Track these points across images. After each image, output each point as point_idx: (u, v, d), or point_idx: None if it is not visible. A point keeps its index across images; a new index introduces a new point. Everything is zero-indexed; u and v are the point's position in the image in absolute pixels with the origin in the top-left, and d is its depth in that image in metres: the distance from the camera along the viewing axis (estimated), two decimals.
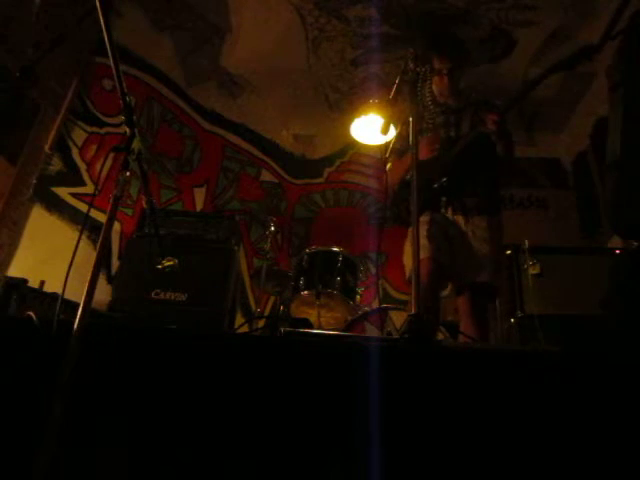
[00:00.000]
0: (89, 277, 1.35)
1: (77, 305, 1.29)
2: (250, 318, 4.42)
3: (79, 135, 4.08)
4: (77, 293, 1.38)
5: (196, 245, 3.28)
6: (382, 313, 3.09)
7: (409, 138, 2.10)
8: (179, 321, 2.82)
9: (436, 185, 2.84)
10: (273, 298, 4.50)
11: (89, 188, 4.05)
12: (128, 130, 1.53)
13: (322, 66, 4.98)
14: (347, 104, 5.23)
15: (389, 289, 5.02)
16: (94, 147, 4.17)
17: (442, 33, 4.07)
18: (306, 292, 3.32)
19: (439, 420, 1.44)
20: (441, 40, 3.15)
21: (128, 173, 1.50)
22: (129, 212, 4.31)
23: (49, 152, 3.77)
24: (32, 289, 2.16)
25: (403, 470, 1.38)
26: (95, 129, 4.19)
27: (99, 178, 4.12)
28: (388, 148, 2.96)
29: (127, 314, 2.87)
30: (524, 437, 1.40)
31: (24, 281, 2.14)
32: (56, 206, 3.80)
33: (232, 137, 5.35)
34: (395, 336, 2.77)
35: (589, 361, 1.51)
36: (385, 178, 2.83)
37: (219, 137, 5.27)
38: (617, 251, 3.03)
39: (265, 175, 5.48)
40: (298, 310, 3.46)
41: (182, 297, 3.05)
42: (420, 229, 2.08)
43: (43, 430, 1.17)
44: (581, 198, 5.06)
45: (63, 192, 3.90)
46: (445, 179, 2.82)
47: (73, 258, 1.49)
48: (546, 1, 4.14)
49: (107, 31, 1.44)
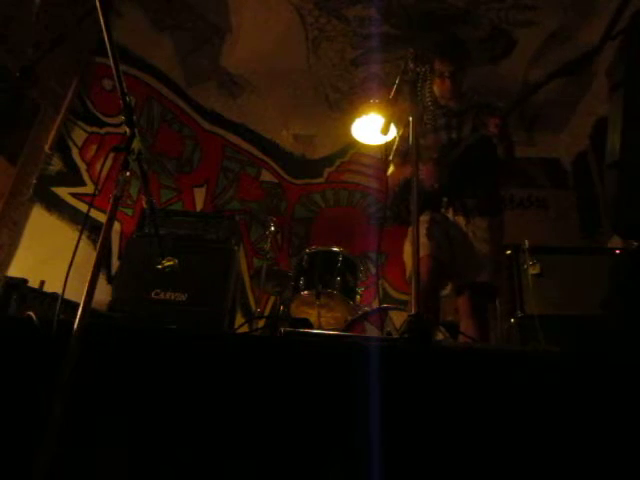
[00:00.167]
0: (89, 277, 1.35)
1: (77, 305, 1.29)
2: (250, 318, 4.42)
3: (79, 135, 4.07)
4: (77, 293, 1.38)
5: (196, 245, 3.27)
6: (382, 313, 3.10)
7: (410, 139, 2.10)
8: (179, 321, 2.82)
9: (436, 185, 2.85)
10: (273, 298, 4.49)
11: (89, 188, 4.05)
12: (128, 130, 1.53)
13: (322, 66, 4.98)
14: (347, 104, 5.23)
15: (389, 289, 5.02)
16: (94, 147, 4.17)
17: (444, 36, 4.08)
18: (306, 292, 3.32)
19: (439, 420, 1.44)
20: (443, 43, 3.16)
21: (128, 173, 1.50)
22: (129, 212, 4.31)
23: (49, 152, 3.77)
24: (32, 289, 2.16)
25: (403, 470, 1.38)
26: (95, 129, 4.19)
27: (99, 178, 4.12)
28: (391, 150, 2.96)
29: (127, 314, 2.86)
30: (524, 437, 1.40)
31: (24, 281, 2.14)
32: (56, 206, 3.80)
33: (232, 137, 5.35)
34: (395, 336, 2.77)
35: (589, 361, 1.51)
36: (386, 180, 2.83)
37: (219, 137, 5.27)
38: (617, 251, 3.03)
39: (265, 175, 5.48)
40: (298, 310, 3.46)
41: (182, 297, 3.05)
42: (420, 228, 2.08)
43: (43, 430, 1.17)
44: (581, 198, 5.06)
45: (63, 192, 3.90)
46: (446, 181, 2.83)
47: (73, 258, 1.49)
48: (546, 1, 4.14)
49: (107, 31, 1.44)
